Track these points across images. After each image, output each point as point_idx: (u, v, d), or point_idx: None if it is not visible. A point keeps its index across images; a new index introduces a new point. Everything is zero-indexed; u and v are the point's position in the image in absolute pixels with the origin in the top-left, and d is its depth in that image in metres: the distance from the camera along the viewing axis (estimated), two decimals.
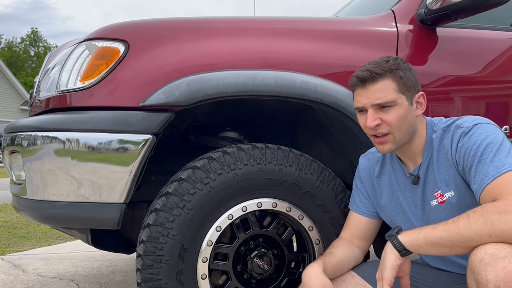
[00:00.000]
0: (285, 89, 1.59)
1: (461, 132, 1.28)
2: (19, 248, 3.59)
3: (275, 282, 1.71)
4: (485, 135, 1.23)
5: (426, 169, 1.37)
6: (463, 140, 1.26)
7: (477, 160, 1.21)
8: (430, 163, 1.36)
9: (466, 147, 1.25)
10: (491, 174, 1.17)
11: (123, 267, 2.95)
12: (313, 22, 1.80)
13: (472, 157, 1.23)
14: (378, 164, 1.52)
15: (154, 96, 1.51)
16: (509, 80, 1.87)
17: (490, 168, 1.18)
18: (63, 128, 1.50)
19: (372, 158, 1.55)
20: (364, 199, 1.54)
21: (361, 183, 1.56)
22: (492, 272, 1.02)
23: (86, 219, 1.53)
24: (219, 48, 1.62)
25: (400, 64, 1.32)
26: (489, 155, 1.19)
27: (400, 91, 1.30)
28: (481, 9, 1.65)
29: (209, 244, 1.53)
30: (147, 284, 1.49)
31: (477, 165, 1.21)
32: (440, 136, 1.34)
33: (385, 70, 1.30)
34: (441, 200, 1.33)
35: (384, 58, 1.35)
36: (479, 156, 1.21)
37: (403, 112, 1.30)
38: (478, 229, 1.08)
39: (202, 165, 1.54)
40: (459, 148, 1.27)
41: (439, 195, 1.34)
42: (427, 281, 1.40)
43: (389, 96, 1.30)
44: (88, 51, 1.58)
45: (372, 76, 1.30)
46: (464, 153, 1.25)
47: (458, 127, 1.30)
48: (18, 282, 2.57)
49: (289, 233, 1.71)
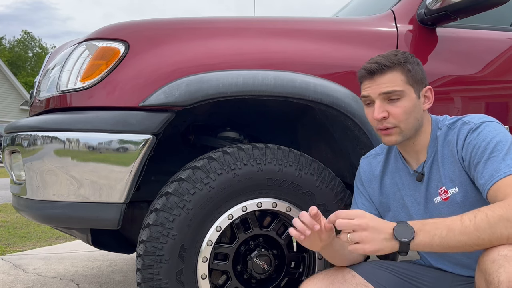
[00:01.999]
0: (285, 89, 1.59)
1: (469, 128, 1.26)
2: (19, 248, 3.59)
3: (275, 282, 1.71)
4: (494, 133, 1.22)
5: (430, 166, 1.35)
6: (471, 136, 1.24)
7: (487, 156, 1.19)
8: (435, 159, 1.34)
9: (475, 143, 1.23)
10: (503, 171, 1.14)
11: (123, 267, 2.95)
12: (313, 22, 1.80)
13: (481, 153, 1.20)
14: (379, 165, 1.51)
15: (154, 96, 1.51)
16: (509, 80, 1.87)
17: (502, 165, 1.15)
18: (63, 128, 1.50)
19: (373, 161, 1.53)
20: (366, 201, 1.53)
21: (362, 186, 1.55)
22: (505, 273, 1.00)
23: (86, 219, 1.53)
24: (219, 48, 1.62)
25: (408, 57, 1.32)
26: (500, 153, 1.17)
27: (409, 83, 1.30)
28: (481, 9, 1.65)
29: (209, 244, 1.53)
30: (147, 284, 1.49)
31: (486, 161, 1.19)
32: (445, 132, 1.33)
33: (393, 62, 1.30)
34: (445, 197, 1.32)
35: (393, 51, 1.35)
36: (489, 153, 1.19)
37: (410, 104, 1.30)
38: (499, 233, 1.06)
39: (202, 165, 1.54)
40: (467, 144, 1.25)
41: (443, 191, 1.32)
42: (426, 281, 1.40)
43: (398, 86, 1.29)
44: (88, 51, 1.58)
45: (380, 68, 1.30)
46: (472, 149, 1.23)
47: (465, 123, 1.28)
48: (18, 282, 2.57)
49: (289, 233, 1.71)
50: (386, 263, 1.44)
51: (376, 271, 1.39)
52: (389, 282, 1.37)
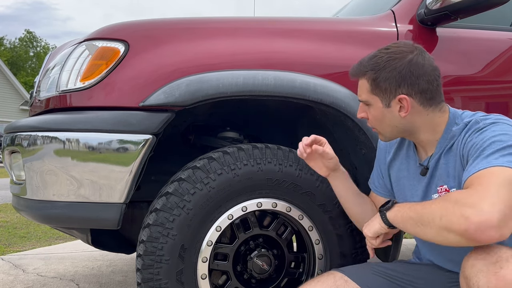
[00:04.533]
0: (285, 89, 1.59)
1: (476, 128, 1.21)
2: (19, 248, 3.59)
3: (275, 282, 1.71)
4: (497, 132, 1.15)
5: (436, 161, 1.32)
6: (473, 135, 1.20)
7: (477, 154, 1.14)
8: (442, 155, 1.30)
9: (474, 142, 1.18)
10: (478, 167, 1.09)
11: (123, 267, 2.95)
12: (313, 22, 1.80)
13: (475, 151, 1.15)
14: (393, 147, 1.49)
15: (154, 96, 1.51)
16: (509, 80, 1.87)
17: (483, 161, 1.10)
18: (63, 128, 1.50)
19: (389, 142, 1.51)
20: (380, 179, 1.56)
21: (377, 163, 1.57)
22: (484, 278, 1.00)
23: (86, 219, 1.53)
24: (219, 48, 1.63)
25: (380, 64, 1.27)
26: (489, 150, 1.11)
27: (373, 92, 1.30)
28: (481, 9, 1.65)
29: (209, 244, 1.53)
30: (147, 284, 1.49)
31: (474, 159, 1.13)
32: (461, 129, 1.26)
33: (361, 70, 1.32)
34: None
35: (375, 52, 1.31)
36: (480, 151, 1.13)
37: (377, 113, 1.32)
38: (434, 211, 1.07)
39: (202, 165, 1.54)
40: (467, 142, 1.21)
41: (444, 190, 1.29)
42: (419, 284, 1.39)
43: (362, 95, 1.34)
44: (88, 51, 1.58)
45: (353, 74, 1.36)
46: (470, 148, 1.19)
47: (476, 122, 1.23)
48: (18, 282, 2.57)
49: (289, 233, 1.71)
50: (379, 267, 1.44)
51: (369, 276, 1.39)
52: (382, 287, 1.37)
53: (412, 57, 1.26)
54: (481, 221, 0.97)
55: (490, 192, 1.00)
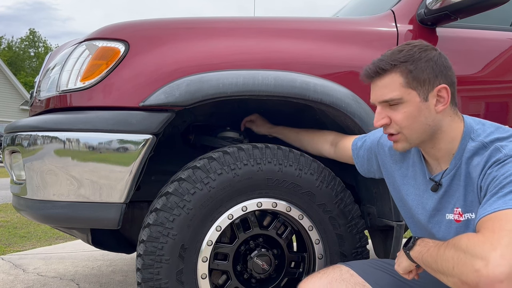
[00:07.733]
0: (285, 89, 1.59)
1: (497, 158, 1.10)
2: (19, 248, 3.60)
3: (275, 281, 1.71)
4: None
5: (451, 179, 1.21)
6: (494, 168, 1.10)
7: (495, 191, 1.05)
8: (457, 174, 1.20)
9: (494, 176, 1.09)
10: (494, 206, 1.02)
11: (123, 266, 2.95)
12: (313, 22, 1.80)
13: (494, 187, 1.06)
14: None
15: (154, 96, 1.51)
16: (509, 80, 1.87)
17: (499, 201, 1.02)
18: (63, 128, 1.51)
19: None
20: (366, 162, 1.55)
21: (371, 152, 1.51)
22: None
23: (86, 219, 1.53)
24: (219, 48, 1.63)
25: (413, 54, 1.18)
26: (508, 188, 1.03)
27: (410, 86, 1.17)
28: (481, 9, 1.65)
29: (209, 243, 1.53)
30: (147, 283, 1.49)
31: (492, 195, 1.05)
32: (477, 149, 1.16)
33: (391, 64, 1.18)
34: (458, 218, 1.21)
35: (399, 47, 1.22)
36: (499, 188, 1.05)
37: (413, 109, 1.18)
38: (448, 260, 1.01)
39: (202, 165, 1.54)
40: (487, 174, 1.11)
41: (459, 213, 1.20)
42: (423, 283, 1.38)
43: (393, 93, 1.18)
44: (89, 51, 1.58)
45: (377, 71, 1.20)
46: (490, 181, 1.09)
47: (497, 150, 1.12)
48: (18, 281, 2.57)
49: (289, 233, 1.71)
50: (384, 263, 1.43)
51: (374, 271, 1.39)
52: (387, 284, 1.37)
53: (438, 50, 1.22)
54: (490, 276, 0.94)
55: (501, 242, 0.96)
